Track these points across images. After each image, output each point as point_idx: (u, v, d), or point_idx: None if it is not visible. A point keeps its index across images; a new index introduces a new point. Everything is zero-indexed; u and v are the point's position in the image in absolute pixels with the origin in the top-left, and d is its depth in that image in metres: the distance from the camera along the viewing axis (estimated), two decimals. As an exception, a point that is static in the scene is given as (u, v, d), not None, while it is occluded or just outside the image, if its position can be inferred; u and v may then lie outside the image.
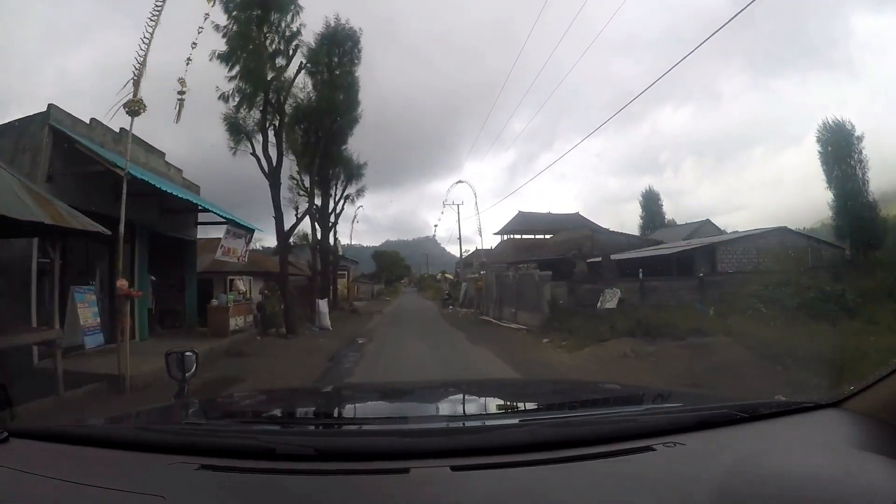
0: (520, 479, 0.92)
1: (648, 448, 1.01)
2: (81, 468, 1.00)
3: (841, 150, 21.98)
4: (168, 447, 1.05)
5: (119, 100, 7.42)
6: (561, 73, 31.42)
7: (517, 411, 1.68)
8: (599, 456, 0.99)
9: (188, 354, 1.87)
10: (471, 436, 1.14)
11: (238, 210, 14.74)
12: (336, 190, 24.45)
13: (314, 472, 0.96)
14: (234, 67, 13.70)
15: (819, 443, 1.10)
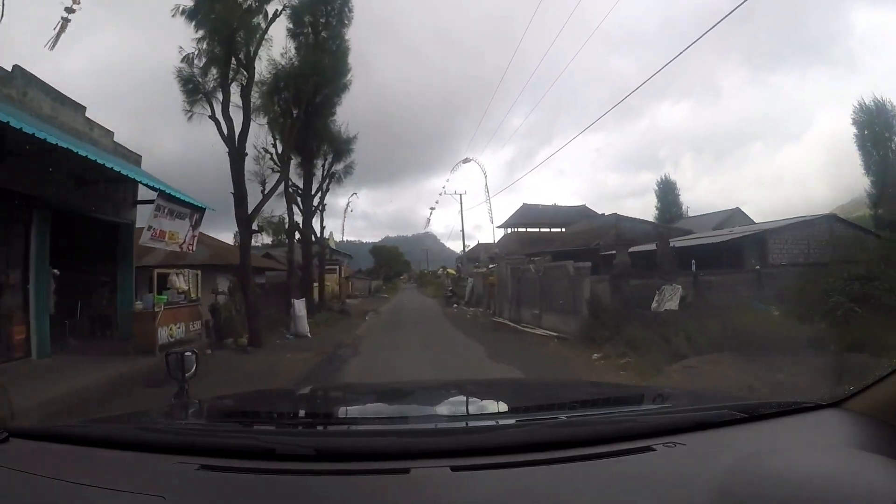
0: (520, 480, 0.92)
1: (648, 448, 1.01)
2: (81, 468, 1.00)
3: (880, 133, 20.54)
4: (168, 447, 1.05)
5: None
6: (559, 69, 30.88)
7: (517, 411, 1.66)
8: (600, 456, 0.98)
9: (188, 354, 1.91)
10: (471, 436, 1.15)
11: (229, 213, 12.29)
12: (321, 170, 20.62)
13: (314, 473, 0.96)
14: (201, 29, 11.52)
15: (819, 443, 1.10)
